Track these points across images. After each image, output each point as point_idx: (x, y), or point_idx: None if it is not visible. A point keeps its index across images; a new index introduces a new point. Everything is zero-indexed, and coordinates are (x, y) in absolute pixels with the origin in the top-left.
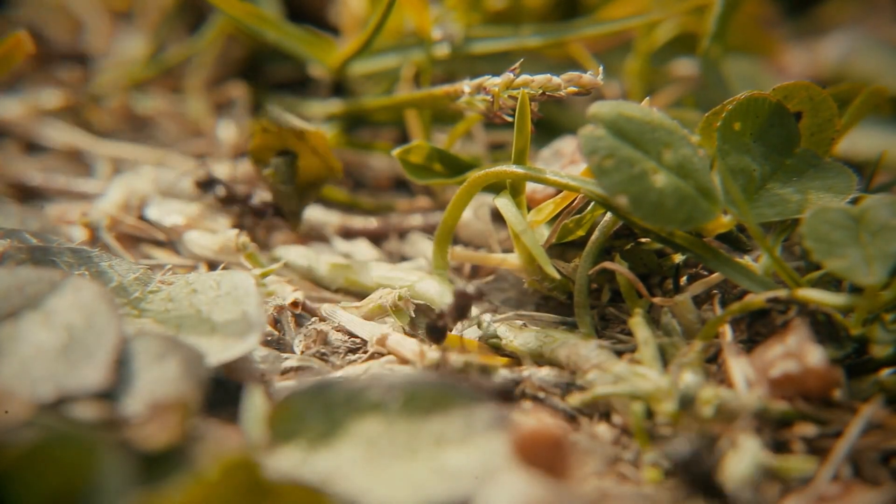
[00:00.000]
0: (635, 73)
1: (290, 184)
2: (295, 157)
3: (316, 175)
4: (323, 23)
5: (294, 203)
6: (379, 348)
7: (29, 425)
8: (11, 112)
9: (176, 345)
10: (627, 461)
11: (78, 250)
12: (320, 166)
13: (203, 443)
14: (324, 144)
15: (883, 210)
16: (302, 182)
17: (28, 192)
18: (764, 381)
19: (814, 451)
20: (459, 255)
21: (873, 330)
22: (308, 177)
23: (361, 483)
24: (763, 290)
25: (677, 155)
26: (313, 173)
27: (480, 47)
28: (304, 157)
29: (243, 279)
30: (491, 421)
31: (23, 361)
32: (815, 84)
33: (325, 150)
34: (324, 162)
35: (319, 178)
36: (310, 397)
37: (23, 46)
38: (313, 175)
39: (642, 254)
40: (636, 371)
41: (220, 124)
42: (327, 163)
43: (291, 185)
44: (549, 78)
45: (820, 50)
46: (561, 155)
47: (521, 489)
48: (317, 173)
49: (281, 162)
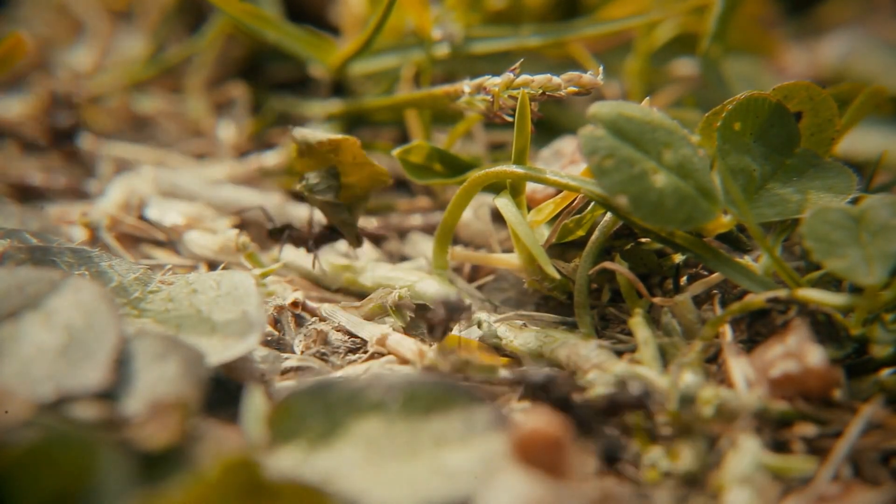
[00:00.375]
0: (635, 73)
1: (336, 199)
2: (334, 171)
3: (364, 186)
4: (323, 23)
5: (346, 217)
6: (379, 348)
7: (29, 425)
8: (11, 112)
9: (176, 345)
10: (627, 461)
11: (78, 250)
12: (366, 175)
13: (203, 443)
14: (360, 151)
15: (883, 210)
16: (350, 195)
17: (28, 192)
18: (764, 381)
19: (814, 451)
20: (459, 255)
21: (873, 330)
22: (356, 189)
23: (361, 483)
24: (763, 290)
25: (677, 155)
26: (361, 185)
27: (480, 47)
28: (347, 170)
29: (243, 279)
30: (491, 421)
31: (23, 361)
32: (816, 84)
33: (364, 157)
34: (368, 170)
35: (368, 188)
36: (310, 397)
37: (22, 46)
38: (361, 187)
39: (642, 254)
40: (636, 371)
41: (220, 124)
42: (372, 170)
43: (338, 200)
44: (549, 78)
45: (820, 50)
46: (561, 155)
47: (521, 489)
48: (365, 184)
49: (320, 179)
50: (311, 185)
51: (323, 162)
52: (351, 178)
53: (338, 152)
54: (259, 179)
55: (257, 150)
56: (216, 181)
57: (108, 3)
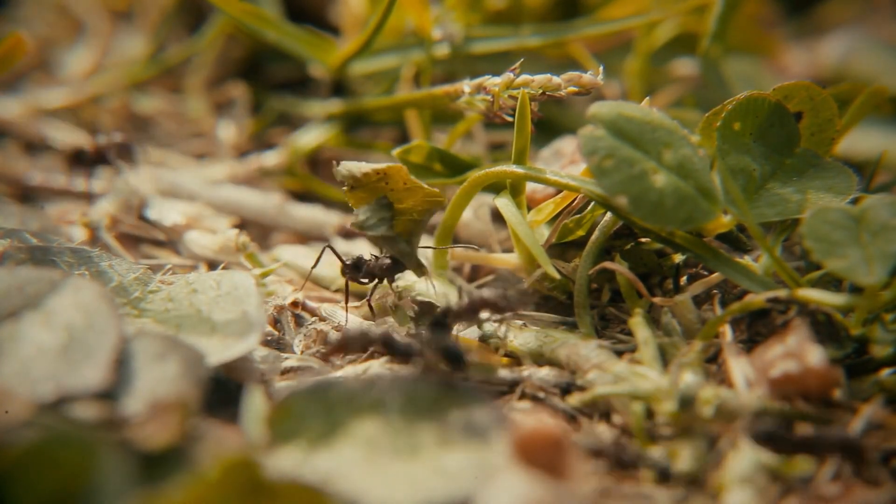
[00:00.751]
0: (635, 73)
1: (389, 232)
2: (385, 202)
3: (419, 210)
4: (323, 23)
5: (404, 248)
6: (379, 348)
7: (29, 425)
8: (11, 112)
9: (176, 345)
10: (627, 461)
11: (78, 250)
12: (419, 199)
13: (203, 443)
14: (409, 176)
15: (883, 210)
16: (407, 221)
17: (28, 192)
18: (764, 381)
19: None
20: (459, 255)
21: (873, 330)
22: (412, 214)
23: (361, 483)
24: (763, 290)
25: (677, 155)
26: (416, 209)
27: (480, 47)
28: (400, 196)
29: (243, 279)
30: (491, 421)
31: (23, 361)
32: (816, 84)
33: (415, 181)
34: (421, 193)
35: (424, 212)
36: (310, 397)
37: (22, 46)
38: (417, 211)
39: (642, 254)
40: (636, 371)
41: (220, 124)
42: (424, 193)
43: (391, 232)
44: (549, 78)
45: (820, 50)
46: (561, 155)
47: (521, 489)
48: (420, 208)
49: (370, 214)
50: (361, 222)
51: (374, 193)
52: (405, 203)
53: (387, 180)
54: (259, 179)
55: (257, 150)
56: (216, 181)
57: (108, 3)
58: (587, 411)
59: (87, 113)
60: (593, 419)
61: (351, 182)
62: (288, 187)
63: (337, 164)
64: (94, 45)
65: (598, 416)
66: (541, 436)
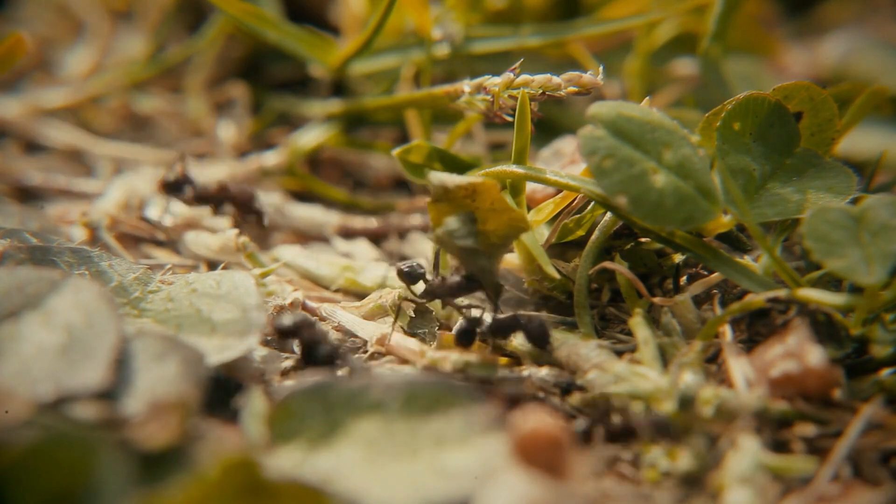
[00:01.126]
0: (635, 73)
1: (476, 245)
2: (472, 217)
3: (501, 234)
4: (323, 23)
5: (485, 264)
6: (379, 348)
7: (29, 425)
8: (11, 112)
9: (176, 344)
10: (627, 461)
11: (78, 250)
12: (504, 222)
13: (203, 443)
14: (500, 196)
15: (883, 210)
16: (486, 244)
17: (28, 192)
18: (764, 381)
19: (814, 451)
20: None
21: (873, 330)
22: (493, 237)
23: (361, 483)
24: (763, 290)
25: (677, 155)
26: (498, 233)
27: (480, 47)
28: (485, 216)
29: (243, 279)
30: (491, 421)
31: (23, 361)
32: (816, 84)
33: (504, 202)
34: (507, 216)
35: (505, 236)
36: (310, 397)
37: (22, 46)
38: (498, 234)
39: (642, 254)
40: (636, 371)
41: (220, 124)
42: (511, 216)
43: (477, 245)
44: (549, 78)
45: (820, 50)
46: (561, 155)
47: (520, 489)
48: (502, 231)
49: (461, 225)
50: (451, 231)
51: (459, 207)
52: (488, 225)
53: (475, 197)
54: (259, 179)
55: (257, 150)
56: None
57: (108, 3)
58: (587, 411)
59: (87, 113)
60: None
61: (440, 192)
62: (288, 187)
63: (429, 173)
64: (94, 45)
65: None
66: (541, 436)
